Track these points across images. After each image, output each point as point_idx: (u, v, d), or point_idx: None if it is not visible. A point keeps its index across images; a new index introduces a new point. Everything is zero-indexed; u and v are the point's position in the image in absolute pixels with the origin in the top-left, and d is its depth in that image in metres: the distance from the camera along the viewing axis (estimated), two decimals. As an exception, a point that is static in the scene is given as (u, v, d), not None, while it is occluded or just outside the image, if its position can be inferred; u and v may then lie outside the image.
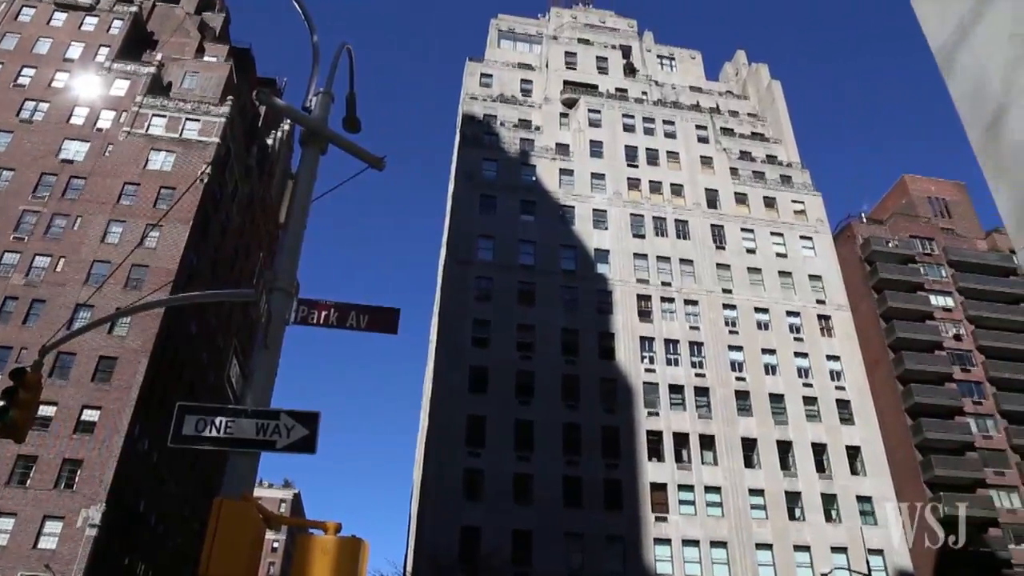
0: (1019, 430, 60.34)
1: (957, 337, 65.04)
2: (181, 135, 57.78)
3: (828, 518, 50.86)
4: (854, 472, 53.07)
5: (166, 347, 50.18)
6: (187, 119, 58.65)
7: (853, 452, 53.89)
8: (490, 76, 72.28)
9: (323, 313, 8.19)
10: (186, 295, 14.02)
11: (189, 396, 52.84)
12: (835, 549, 49.60)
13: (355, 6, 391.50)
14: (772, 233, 63.90)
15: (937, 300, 66.74)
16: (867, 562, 48.69)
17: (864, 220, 72.66)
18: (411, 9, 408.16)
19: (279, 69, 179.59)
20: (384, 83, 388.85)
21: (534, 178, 62.57)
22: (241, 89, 64.51)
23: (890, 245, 68.31)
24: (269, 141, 76.60)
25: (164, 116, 58.54)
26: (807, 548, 49.35)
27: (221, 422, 6.71)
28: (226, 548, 5.56)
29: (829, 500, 51.55)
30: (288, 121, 73.16)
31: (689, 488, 50.21)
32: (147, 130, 57.56)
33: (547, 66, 73.51)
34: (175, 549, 54.76)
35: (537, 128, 67.12)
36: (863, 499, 52.04)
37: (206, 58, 65.99)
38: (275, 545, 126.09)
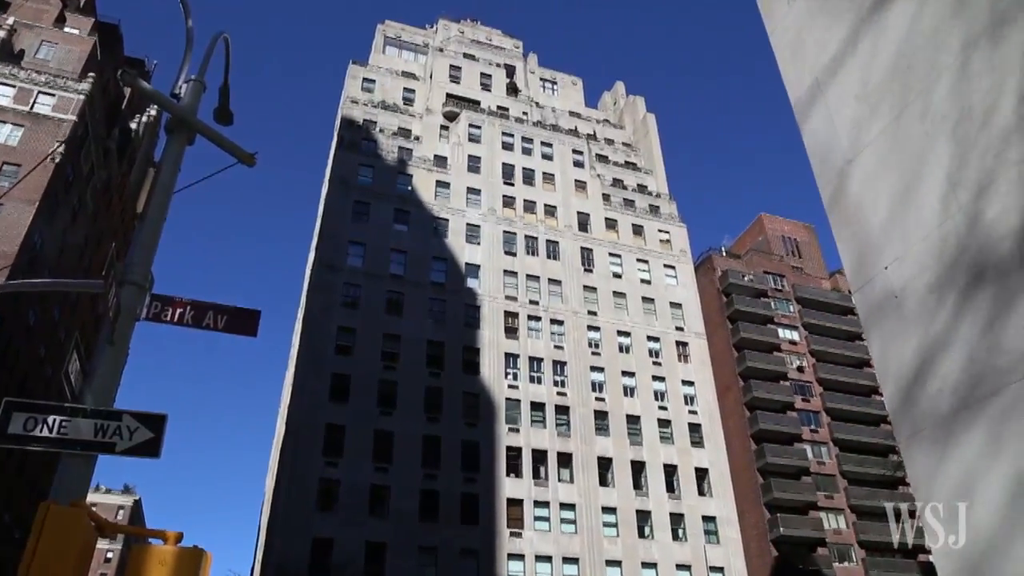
0: (848, 457, 65.13)
1: (800, 369, 69.54)
2: (32, 109, 53.49)
3: (675, 537, 52.96)
4: (701, 493, 55.58)
5: (-2, 337, 46.21)
6: (40, 92, 54.38)
7: (701, 474, 56.45)
8: (373, 82, 71.46)
9: (178, 311, 7.80)
10: (25, 282, 12.99)
11: (21, 392, 48.80)
12: (680, 566, 51.73)
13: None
14: (638, 260, 66.30)
15: (784, 333, 71.14)
16: (707, 579, 51.15)
17: (724, 254, 76.63)
18: (295, 5, 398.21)
19: (149, 51, 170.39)
20: (262, 77, 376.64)
21: (410, 188, 62.18)
22: (105, 67, 60.61)
23: (745, 279, 72.33)
24: (133, 125, 72.22)
25: (12, 86, 54.03)
26: (654, 565, 51.20)
27: (55, 421, 6.24)
28: (49, 557, 5.17)
29: (677, 519, 53.71)
30: (156, 107, 69.35)
31: (545, 504, 51.02)
32: (-8, 100, 53.05)
33: (431, 77, 73.43)
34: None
35: (416, 138, 66.85)
36: (708, 519, 54.57)
37: (67, 29, 61.55)
38: (108, 555, 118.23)
